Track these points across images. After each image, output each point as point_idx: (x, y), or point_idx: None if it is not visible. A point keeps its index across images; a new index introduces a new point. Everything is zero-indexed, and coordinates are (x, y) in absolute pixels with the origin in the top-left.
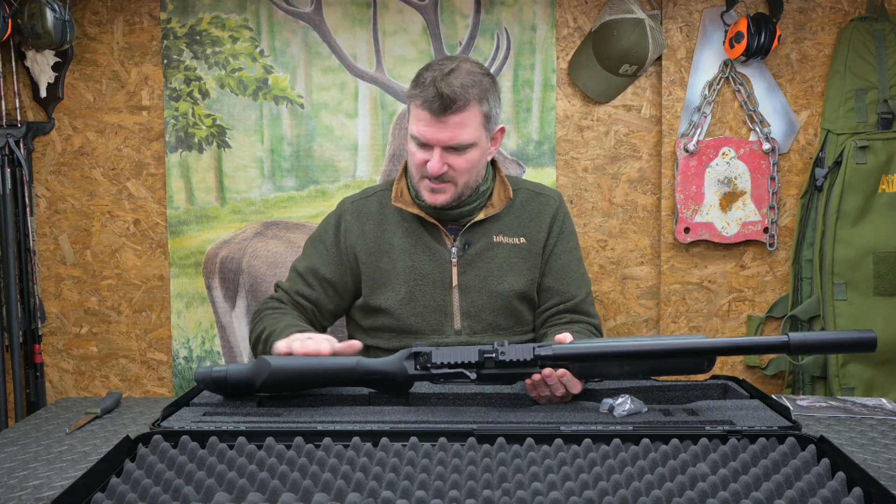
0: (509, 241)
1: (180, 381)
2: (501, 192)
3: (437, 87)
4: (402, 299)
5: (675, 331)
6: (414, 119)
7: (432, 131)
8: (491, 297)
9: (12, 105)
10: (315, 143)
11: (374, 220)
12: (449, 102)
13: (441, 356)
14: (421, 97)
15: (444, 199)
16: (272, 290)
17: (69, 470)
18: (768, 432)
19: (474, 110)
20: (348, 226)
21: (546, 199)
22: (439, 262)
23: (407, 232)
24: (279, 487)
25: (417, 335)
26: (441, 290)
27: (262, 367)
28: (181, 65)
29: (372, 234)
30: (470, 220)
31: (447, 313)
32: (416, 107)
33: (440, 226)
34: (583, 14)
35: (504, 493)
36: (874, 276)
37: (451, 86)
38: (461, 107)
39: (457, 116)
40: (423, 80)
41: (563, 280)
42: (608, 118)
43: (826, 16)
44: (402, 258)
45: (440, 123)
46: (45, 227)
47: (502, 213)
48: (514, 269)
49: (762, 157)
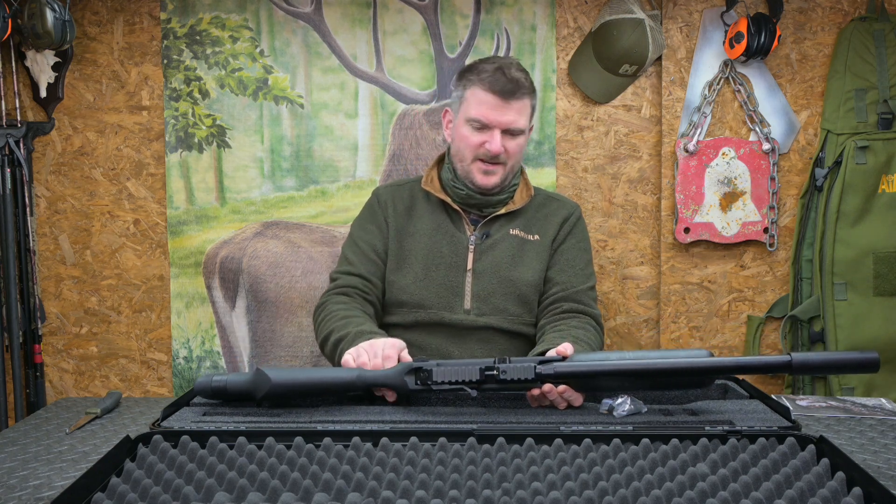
0: (524, 237)
1: (180, 381)
2: (524, 191)
3: (506, 74)
4: (418, 276)
5: (675, 331)
6: (475, 103)
7: (497, 114)
8: (502, 283)
9: (12, 105)
10: (315, 143)
11: (405, 203)
12: (515, 87)
13: (442, 374)
14: (487, 82)
15: (496, 181)
16: (272, 290)
17: (69, 470)
18: (768, 432)
19: (528, 100)
20: (384, 204)
21: (562, 204)
22: (457, 247)
23: (432, 216)
24: (279, 487)
25: (428, 310)
26: (456, 272)
27: (261, 381)
28: (181, 65)
29: (402, 214)
30: (493, 212)
31: (459, 293)
32: (477, 89)
33: (463, 214)
34: (583, 14)
35: (504, 493)
36: (874, 276)
37: (517, 75)
38: (523, 94)
39: (518, 102)
40: (484, 69)
41: (565, 271)
42: (608, 118)
43: (826, 16)
44: (424, 240)
45: (505, 106)
46: (45, 227)
47: (521, 211)
48: (525, 261)
49: (762, 157)
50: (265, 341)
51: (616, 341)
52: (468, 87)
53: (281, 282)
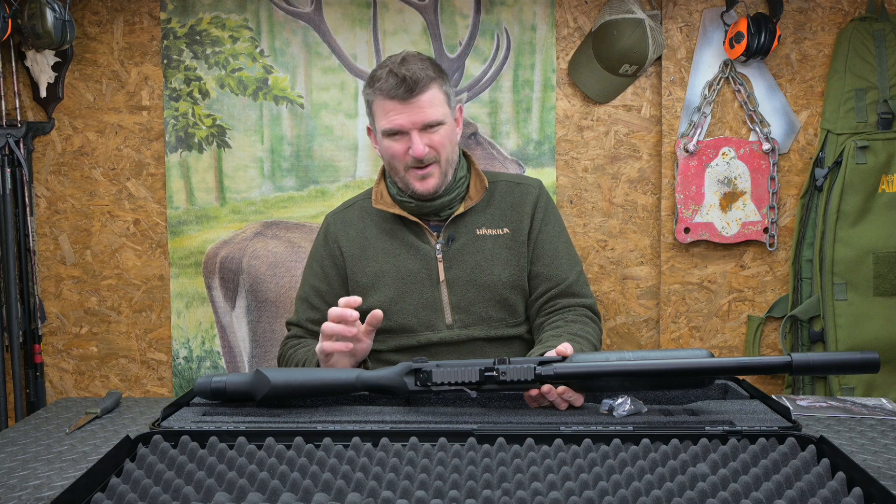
0: (493, 233)
1: (180, 381)
2: (477, 183)
3: (398, 73)
4: (392, 299)
5: (675, 331)
6: (381, 114)
7: (405, 116)
8: (480, 290)
9: (12, 105)
10: (315, 143)
11: (357, 227)
12: (413, 84)
13: (441, 376)
14: (384, 89)
15: (435, 183)
16: (272, 290)
17: (69, 470)
18: (768, 432)
19: (435, 89)
20: (334, 235)
21: (525, 188)
22: (425, 260)
23: (390, 234)
24: (279, 487)
25: (410, 333)
26: (429, 286)
27: (261, 382)
28: (181, 65)
29: (356, 240)
30: (451, 213)
31: (437, 309)
32: (380, 100)
33: (423, 223)
34: (583, 14)
35: (504, 493)
36: (874, 276)
37: (410, 69)
38: (424, 86)
39: (423, 96)
40: (379, 75)
41: (551, 265)
42: (608, 118)
43: (826, 16)
44: (388, 259)
45: (410, 107)
46: (45, 227)
47: (483, 206)
48: (499, 260)
49: (762, 157)
50: (265, 341)
51: (616, 341)
52: (372, 101)
53: (281, 282)
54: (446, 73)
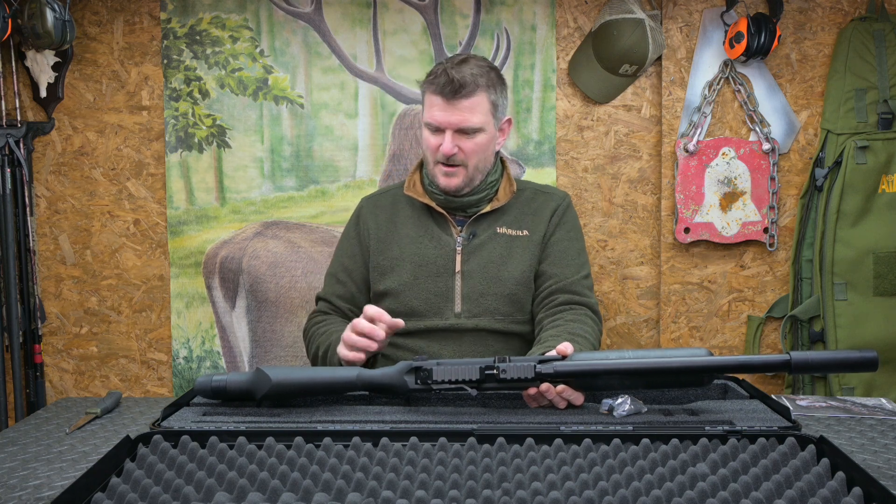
0: (512, 233)
1: (180, 381)
2: (507, 186)
3: (449, 73)
4: (406, 283)
5: (675, 331)
6: (427, 106)
7: (444, 115)
8: (491, 283)
9: (12, 105)
10: (315, 143)
11: (387, 212)
12: (459, 87)
13: (442, 374)
14: (434, 84)
15: (457, 182)
16: (272, 290)
17: (69, 470)
18: (768, 432)
19: (482, 97)
20: (365, 218)
21: (551, 197)
22: (444, 250)
23: (416, 221)
24: (279, 487)
25: (419, 317)
26: (444, 276)
27: (262, 380)
28: (181, 65)
29: (384, 224)
30: (477, 210)
31: (448, 297)
32: (429, 94)
33: (448, 216)
34: (583, 14)
35: (504, 493)
36: (874, 277)
37: (462, 73)
38: (470, 92)
39: (466, 101)
40: (436, 70)
41: (557, 263)
42: (608, 118)
43: (826, 16)
44: (410, 246)
45: (451, 107)
46: (45, 227)
47: (507, 208)
48: (514, 257)
49: (762, 157)
50: (265, 341)
51: (616, 341)
52: (425, 92)
53: (281, 282)
54: (504, 84)
